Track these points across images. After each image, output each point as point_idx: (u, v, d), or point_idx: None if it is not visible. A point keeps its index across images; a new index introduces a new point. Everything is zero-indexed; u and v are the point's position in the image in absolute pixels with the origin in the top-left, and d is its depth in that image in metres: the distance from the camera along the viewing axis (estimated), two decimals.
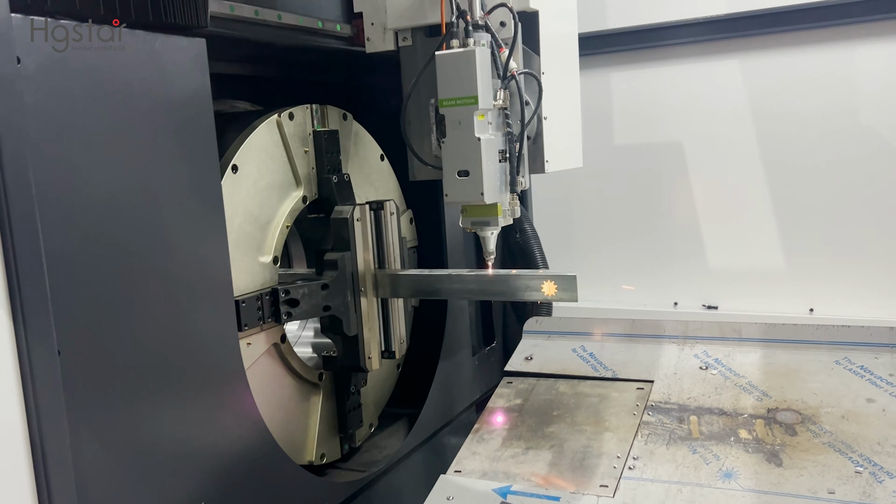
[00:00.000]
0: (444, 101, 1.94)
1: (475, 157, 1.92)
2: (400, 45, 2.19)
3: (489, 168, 1.94)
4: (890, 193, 3.18)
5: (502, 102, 1.98)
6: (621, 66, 3.61)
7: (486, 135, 1.94)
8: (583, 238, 3.80)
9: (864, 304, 3.21)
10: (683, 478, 1.99)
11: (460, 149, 1.94)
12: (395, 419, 2.63)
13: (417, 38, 2.17)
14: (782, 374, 2.37)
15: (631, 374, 2.51)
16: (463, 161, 1.94)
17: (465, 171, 1.94)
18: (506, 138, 2.01)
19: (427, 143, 2.15)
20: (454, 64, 1.92)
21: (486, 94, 1.93)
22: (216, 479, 1.65)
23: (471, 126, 1.91)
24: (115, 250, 1.42)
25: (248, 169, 1.94)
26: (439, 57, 1.94)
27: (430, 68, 2.00)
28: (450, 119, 1.94)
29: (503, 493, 2.03)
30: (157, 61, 1.50)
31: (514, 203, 2.07)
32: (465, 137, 1.92)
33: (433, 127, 2.12)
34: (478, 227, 2.07)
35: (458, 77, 1.91)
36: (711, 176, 3.53)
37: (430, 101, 2.11)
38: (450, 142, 1.95)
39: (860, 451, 1.98)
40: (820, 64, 3.23)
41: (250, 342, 1.90)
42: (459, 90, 1.92)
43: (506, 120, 2.00)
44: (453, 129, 1.94)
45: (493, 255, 2.13)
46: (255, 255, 1.95)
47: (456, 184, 1.95)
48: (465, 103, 1.91)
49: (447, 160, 1.96)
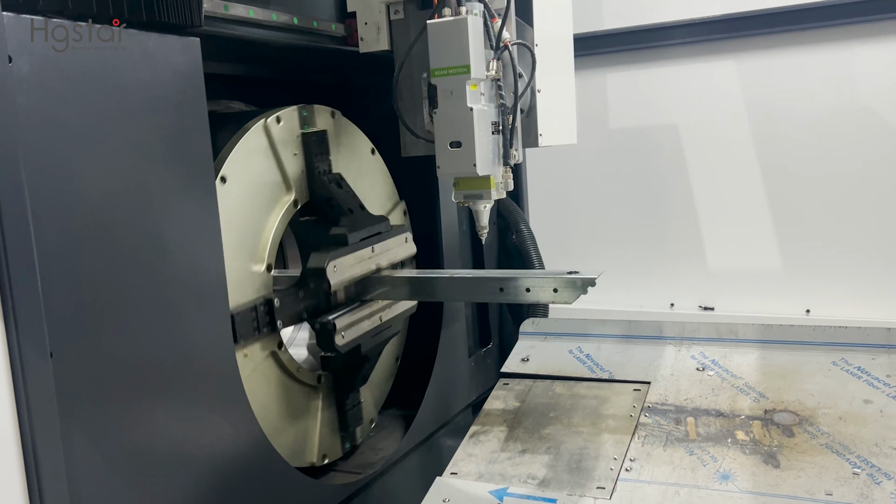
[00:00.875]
0: (436, 71, 1.90)
1: (467, 128, 1.88)
2: (392, 18, 2.16)
3: (482, 139, 1.90)
4: (887, 194, 3.18)
5: (495, 73, 1.94)
6: (618, 67, 3.61)
7: (479, 105, 1.90)
8: (579, 239, 3.79)
9: (861, 305, 3.21)
10: (680, 479, 1.98)
11: (452, 119, 1.90)
12: (392, 420, 2.62)
13: (409, 10, 2.14)
14: (779, 375, 2.37)
15: (628, 375, 2.51)
16: (455, 132, 1.90)
17: (458, 143, 1.90)
18: (499, 110, 1.97)
19: (419, 119, 2.12)
20: (446, 33, 1.88)
21: (478, 63, 1.89)
22: (210, 484, 1.63)
23: (463, 96, 1.88)
24: (108, 252, 1.41)
25: (237, 178, 1.89)
26: (431, 25, 1.90)
27: (422, 42, 1.96)
28: (441, 89, 1.90)
29: (500, 495, 2.02)
30: (151, 61, 1.49)
31: (507, 176, 2.03)
32: (457, 108, 1.89)
33: (425, 101, 2.08)
34: (470, 200, 2.03)
35: (450, 46, 1.87)
36: (708, 176, 3.53)
37: (422, 76, 2.07)
38: (442, 112, 1.91)
39: (858, 453, 1.98)
40: (817, 64, 3.23)
41: (247, 353, 1.87)
42: (451, 59, 1.88)
43: (499, 91, 1.97)
44: (445, 100, 1.90)
45: (486, 229, 2.09)
46: (247, 264, 1.92)
47: (448, 155, 1.91)
48: (458, 73, 1.87)
49: (439, 131, 1.92)
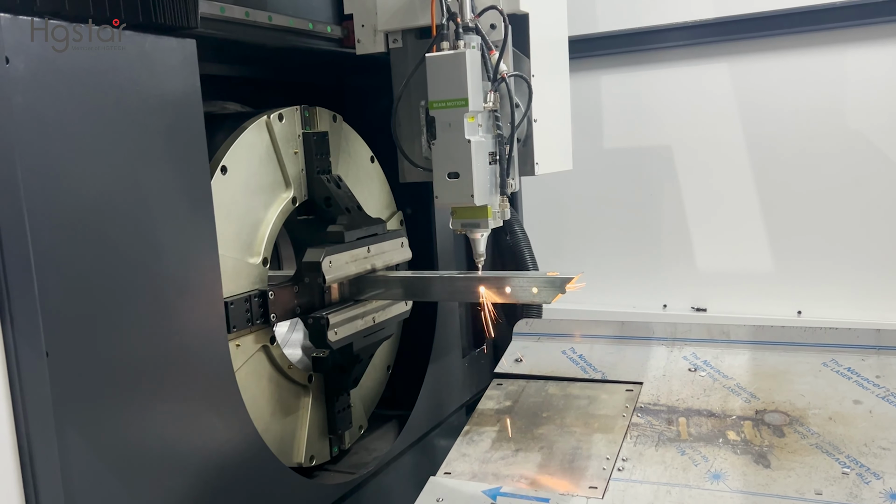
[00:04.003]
0: (435, 103, 1.94)
1: (465, 159, 1.93)
2: (390, 47, 2.20)
3: (479, 170, 1.95)
4: (878, 196, 3.20)
5: (492, 105, 1.98)
6: (611, 69, 3.63)
7: (477, 137, 1.94)
8: (572, 240, 3.81)
9: (851, 306, 3.23)
10: (672, 479, 1.99)
11: (450, 151, 1.94)
12: (385, 421, 2.63)
13: (408, 40, 2.18)
14: (770, 375, 2.38)
15: (620, 375, 2.52)
16: (453, 163, 1.94)
17: (456, 173, 1.94)
18: (496, 140, 2.01)
19: (417, 145, 2.16)
20: (444, 66, 1.92)
21: (476, 96, 1.93)
22: (205, 481, 1.64)
23: (461, 128, 1.92)
24: (103, 251, 1.41)
25: (238, 170, 1.93)
26: (430, 59, 1.94)
27: (420, 70, 2.00)
28: (440, 121, 1.94)
29: (493, 494, 2.03)
30: (147, 62, 1.50)
31: (503, 205, 2.08)
32: (455, 139, 1.93)
33: (423, 129, 2.12)
34: (468, 228, 2.07)
35: (449, 79, 1.92)
36: (700, 179, 3.54)
37: (420, 104, 2.11)
38: (440, 144, 1.96)
39: (847, 453, 1.99)
40: (808, 67, 3.25)
41: (239, 343, 1.90)
42: (450, 92, 1.92)
43: (496, 122, 2.01)
44: (443, 131, 1.94)
45: (483, 257, 2.13)
46: (244, 255, 1.94)
47: (446, 186, 1.96)
48: (456, 105, 1.92)
49: (437, 162, 1.97)
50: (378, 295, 2.26)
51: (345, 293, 2.25)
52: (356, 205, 2.27)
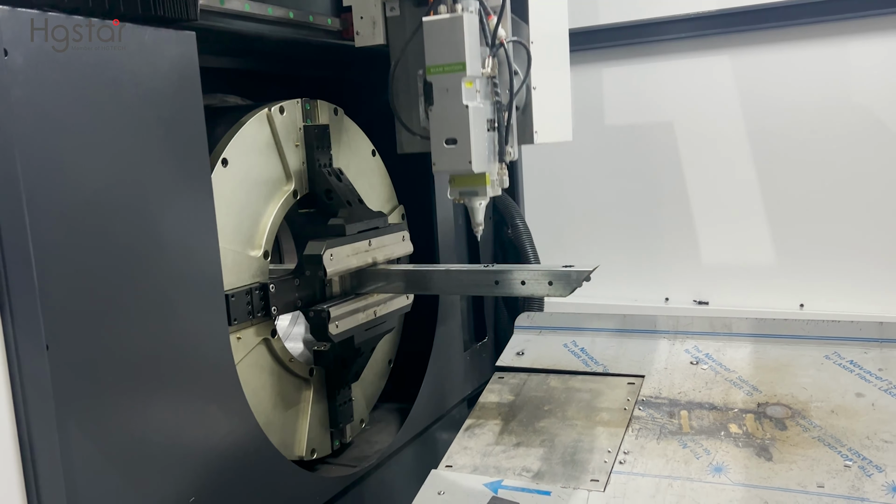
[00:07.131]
0: (432, 68, 1.90)
1: (463, 125, 1.88)
2: (388, 15, 2.15)
3: (477, 136, 1.90)
4: (881, 189, 3.19)
5: (490, 70, 1.94)
6: (613, 62, 3.62)
7: (474, 102, 1.90)
8: (574, 233, 3.80)
9: (853, 299, 3.23)
10: (674, 472, 1.99)
11: (448, 117, 1.90)
12: (387, 414, 2.63)
13: (405, 7, 2.13)
14: (772, 368, 2.38)
15: (622, 368, 2.52)
16: (450, 129, 1.90)
17: (453, 140, 1.90)
18: (494, 107, 1.97)
19: (415, 115, 2.12)
20: (441, 30, 1.88)
21: (473, 60, 1.89)
22: (206, 475, 1.64)
23: (458, 93, 1.88)
24: (104, 244, 1.41)
25: (239, 162, 1.93)
26: (427, 23, 1.90)
27: (417, 38, 1.96)
28: (437, 86, 1.90)
29: (494, 487, 2.03)
30: (147, 54, 1.50)
31: (502, 173, 2.04)
32: (452, 105, 1.89)
33: (421, 97, 2.08)
34: (466, 197, 2.03)
35: (446, 43, 1.88)
36: (703, 171, 3.54)
37: (417, 72, 2.07)
38: (437, 109, 1.91)
39: (849, 446, 1.99)
40: (812, 60, 3.24)
41: (240, 336, 1.89)
42: (447, 56, 1.88)
43: (494, 89, 1.97)
44: (441, 97, 1.90)
45: (482, 226, 2.10)
46: (245, 248, 1.94)
47: (443, 152, 1.91)
48: (453, 70, 1.88)
49: (435, 128, 1.92)
50: (379, 288, 2.26)
51: (346, 286, 2.25)
52: (357, 198, 2.27)
